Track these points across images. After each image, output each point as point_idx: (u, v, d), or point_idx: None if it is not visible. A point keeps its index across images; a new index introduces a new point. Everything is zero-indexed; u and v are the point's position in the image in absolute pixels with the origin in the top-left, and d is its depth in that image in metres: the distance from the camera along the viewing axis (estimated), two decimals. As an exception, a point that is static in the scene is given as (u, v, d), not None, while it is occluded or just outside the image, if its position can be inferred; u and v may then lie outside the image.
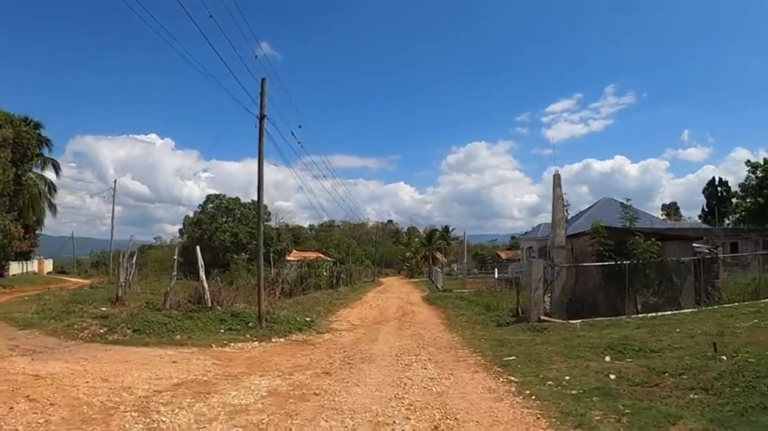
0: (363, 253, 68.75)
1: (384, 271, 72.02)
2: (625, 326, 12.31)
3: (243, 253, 41.19)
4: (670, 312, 13.99)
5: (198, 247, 15.26)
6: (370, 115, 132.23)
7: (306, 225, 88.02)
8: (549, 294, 14.02)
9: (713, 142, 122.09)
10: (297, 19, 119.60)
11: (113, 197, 37.22)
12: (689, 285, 15.40)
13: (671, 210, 59.58)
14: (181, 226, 45.32)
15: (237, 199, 44.60)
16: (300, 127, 15.19)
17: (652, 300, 15.06)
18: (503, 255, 63.68)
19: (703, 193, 52.41)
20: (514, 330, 12.02)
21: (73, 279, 41.15)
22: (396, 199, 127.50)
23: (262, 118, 12.49)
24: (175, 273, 15.52)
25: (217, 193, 44.99)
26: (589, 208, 36.42)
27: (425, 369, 7.75)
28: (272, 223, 46.39)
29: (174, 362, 8.47)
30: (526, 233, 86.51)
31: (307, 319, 14.34)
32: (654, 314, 13.76)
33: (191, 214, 45.70)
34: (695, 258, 15.54)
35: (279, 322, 13.11)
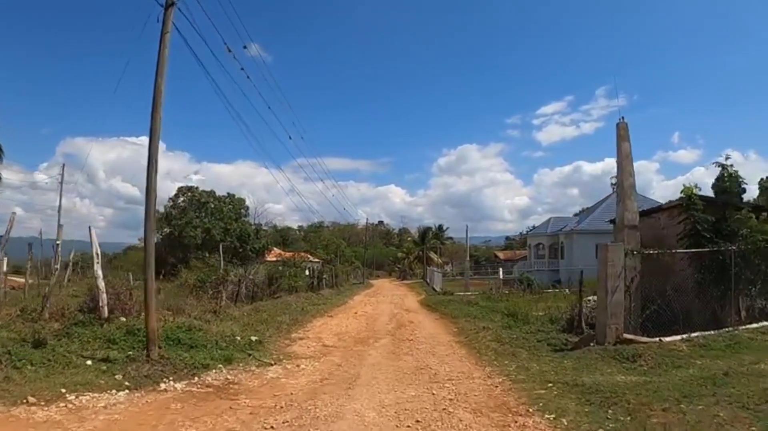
0: (353, 254, 63.37)
1: (375, 273, 66.64)
2: (763, 347, 7.45)
3: (216, 252, 35.56)
4: (786, 322, 9.22)
5: (92, 229, 9.92)
6: (362, 117, 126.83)
7: (295, 226, 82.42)
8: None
9: (703, 144, 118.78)
10: (288, 22, 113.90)
11: (60, 185, 31.42)
12: (797, 282, 10.52)
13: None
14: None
15: (212, 192, 39.07)
16: (245, 47, 9.84)
17: (759, 304, 10.20)
18: (501, 255, 58.85)
19: (712, 188, 47.99)
20: (591, 361, 6.87)
21: (22, 281, 35.29)
22: (387, 202, 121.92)
23: (168, 5, 7.26)
24: (56, 266, 10.16)
25: (190, 185, 39.42)
26: (604, 200, 31.68)
27: None
28: (251, 219, 40.87)
29: None
30: (523, 232, 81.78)
31: (253, 338, 9.05)
32: (770, 324, 8.97)
33: (161, 209, 39.97)
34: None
35: (198, 346, 7.84)
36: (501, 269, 31.02)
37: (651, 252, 8.71)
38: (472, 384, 5.94)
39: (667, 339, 8.09)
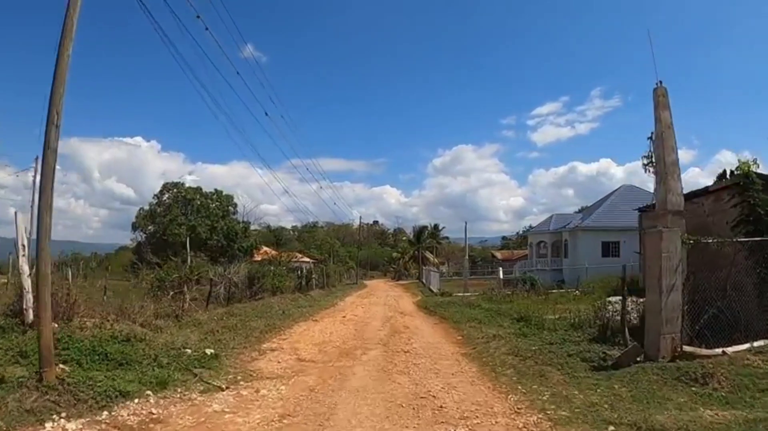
0: (347, 255, 61.50)
1: (369, 274, 64.70)
2: None
3: (202, 251, 33.54)
4: None
5: (17, 214, 7.99)
6: (357, 117, 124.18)
7: (289, 227, 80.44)
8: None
9: (698, 145, 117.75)
10: (282, 21, 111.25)
11: (34, 177, 29.01)
12: None
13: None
14: (134, 220, 37.38)
15: (198, 188, 37.03)
16: (198, 17, 7.91)
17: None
18: (499, 255, 57.17)
19: (715, 185, 46.92)
20: (651, 385, 5.05)
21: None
22: (382, 202, 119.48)
23: None
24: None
25: (176, 181, 37.31)
26: (608, 196, 30.03)
27: None
28: (240, 217, 38.79)
29: None
30: (520, 232, 79.94)
31: (208, 352, 7.14)
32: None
33: (147, 207, 37.87)
34: None
35: (130, 362, 5.95)
36: (501, 269, 29.19)
37: (711, 241, 6.89)
38: (495, 426, 4.08)
39: (731, 350, 6.32)
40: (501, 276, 28.82)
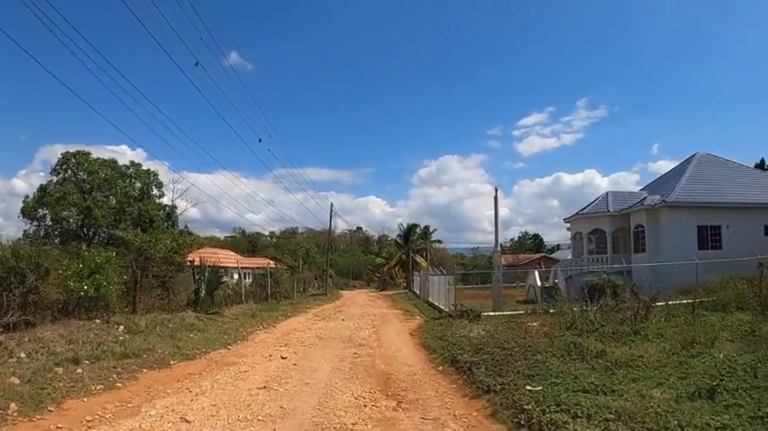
0: (324, 261, 50.54)
1: (351, 283, 53.73)
2: None
3: (105, 245, 22.13)
4: None
5: None
6: (343, 127, 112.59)
7: (266, 232, 69.21)
8: None
9: (681, 156, 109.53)
10: (267, 29, 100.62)
11: None
12: None
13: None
14: (22, 203, 25.79)
15: (110, 161, 25.76)
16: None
17: None
18: (502, 260, 46.66)
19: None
20: None
21: None
22: (367, 212, 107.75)
23: None
24: None
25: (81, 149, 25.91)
26: (682, 167, 20.05)
27: None
28: (167, 199, 27.38)
29: None
30: (515, 238, 69.72)
31: None
32: None
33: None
34: None
35: None
36: (536, 272, 18.81)
37: None
38: None
39: None
40: (538, 282, 18.52)
